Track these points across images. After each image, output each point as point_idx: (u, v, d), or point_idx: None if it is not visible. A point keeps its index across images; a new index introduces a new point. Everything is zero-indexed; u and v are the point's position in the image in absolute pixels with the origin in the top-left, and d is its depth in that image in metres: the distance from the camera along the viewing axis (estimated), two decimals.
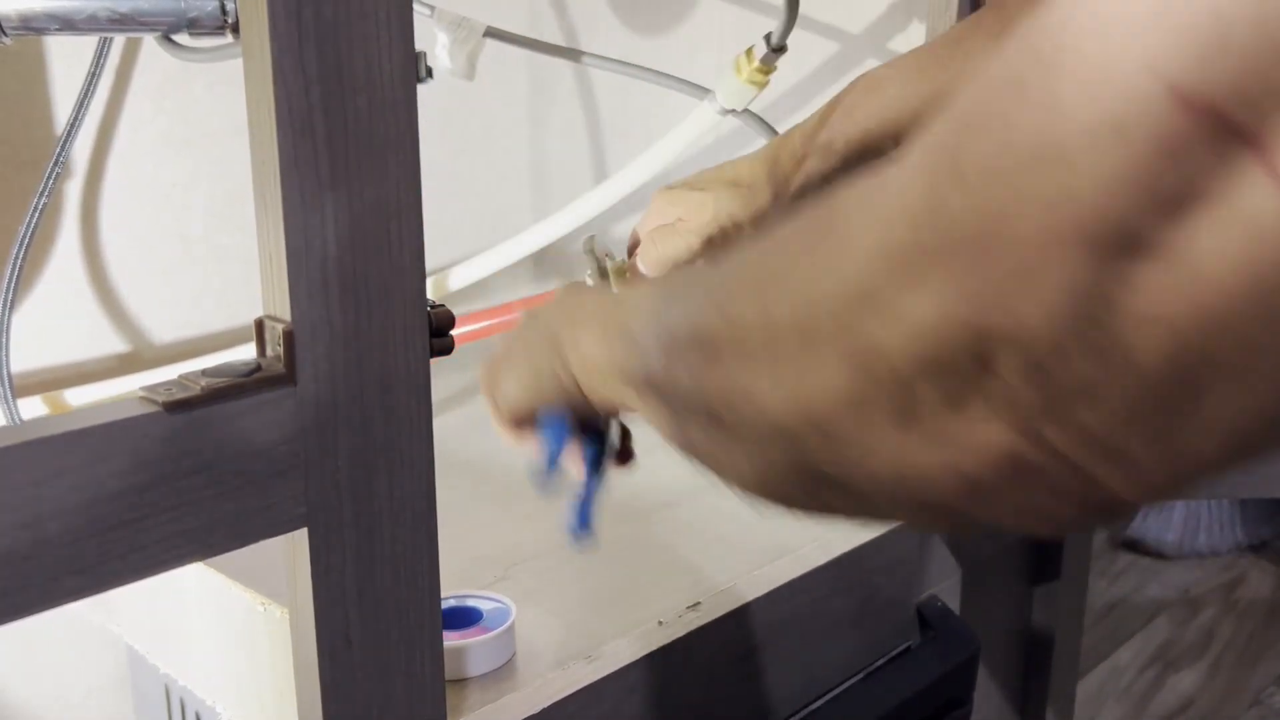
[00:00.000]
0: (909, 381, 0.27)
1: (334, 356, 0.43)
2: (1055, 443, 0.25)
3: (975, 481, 0.27)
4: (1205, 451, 0.25)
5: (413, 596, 0.48)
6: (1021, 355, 0.25)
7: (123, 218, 0.94)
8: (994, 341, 0.25)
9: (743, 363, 0.32)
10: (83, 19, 0.68)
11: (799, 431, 0.30)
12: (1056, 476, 0.26)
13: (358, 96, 0.42)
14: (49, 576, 0.38)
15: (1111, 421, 0.25)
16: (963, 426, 0.26)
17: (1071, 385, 0.24)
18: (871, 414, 0.28)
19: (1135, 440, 0.25)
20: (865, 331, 0.27)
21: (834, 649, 0.77)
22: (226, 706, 0.71)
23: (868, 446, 0.28)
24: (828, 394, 0.29)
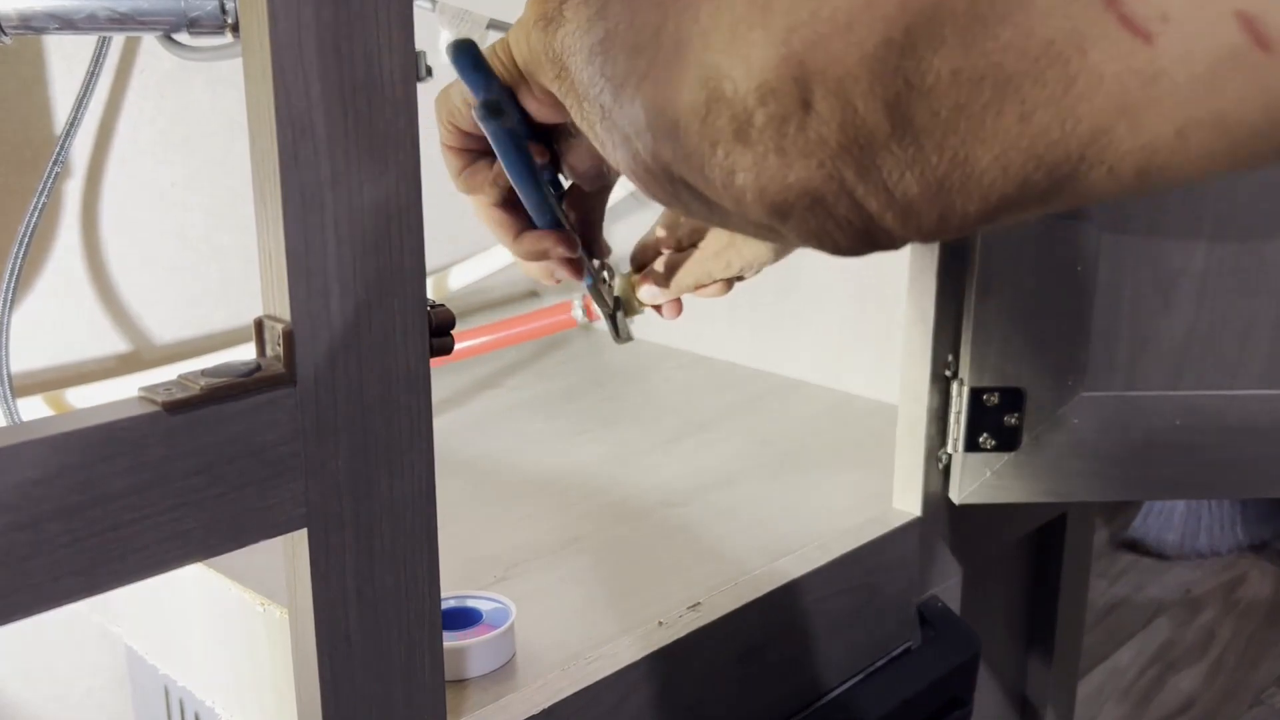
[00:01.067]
0: (747, 103, 0.31)
1: (334, 356, 0.43)
2: (849, 183, 0.31)
3: (779, 204, 0.33)
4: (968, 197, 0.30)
5: (413, 596, 0.48)
6: (835, 95, 0.29)
7: (122, 217, 0.94)
8: (815, 80, 0.30)
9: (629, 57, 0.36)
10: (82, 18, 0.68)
11: (658, 132, 0.35)
12: (844, 211, 0.32)
13: (358, 96, 0.42)
14: (49, 576, 0.38)
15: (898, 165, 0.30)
16: (779, 155, 0.32)
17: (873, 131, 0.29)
18: (713, 128, 0.33)
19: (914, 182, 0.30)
20: (718, 54, 0.32)
21: (835, 649, 0.76)
22: (226, 706, 0.71)
23: (706, 157, 0.33)
24: (683, 102, 0.33)
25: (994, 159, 0.29)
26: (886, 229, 0.32)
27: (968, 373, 0.75)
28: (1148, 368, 0.76)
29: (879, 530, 0.78)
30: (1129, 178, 0.28)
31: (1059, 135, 0.27)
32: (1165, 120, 0.26)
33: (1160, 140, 0.27)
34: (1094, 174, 0.28)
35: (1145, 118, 0.26)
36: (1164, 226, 0.74)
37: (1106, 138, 0.27)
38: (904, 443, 0.79)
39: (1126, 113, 0.26)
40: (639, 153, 0.37)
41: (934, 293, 0.74)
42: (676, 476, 0.88)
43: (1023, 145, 0.28)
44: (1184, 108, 0.26)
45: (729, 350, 1.15)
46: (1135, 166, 0.28)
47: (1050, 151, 0.28)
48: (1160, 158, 0.27)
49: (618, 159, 0.40)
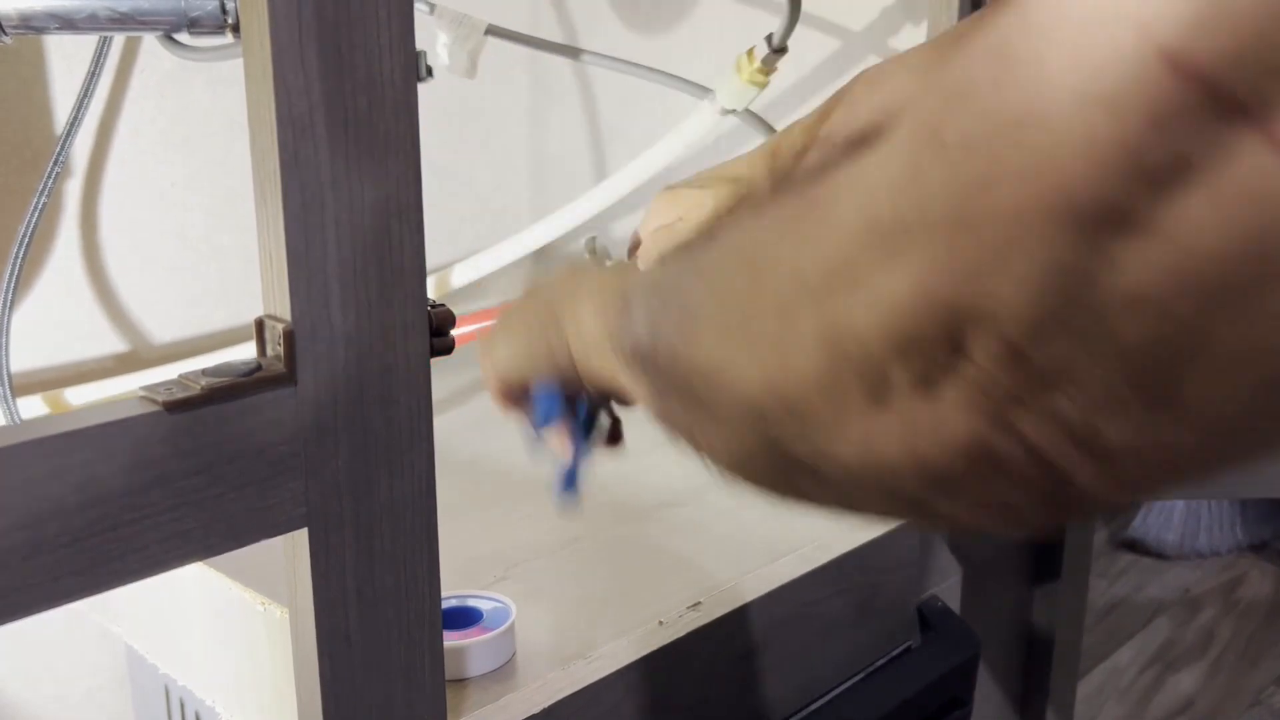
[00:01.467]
0: (880, 361, 0.26)
1: (334, 356, 0.43)
2: (1026, 433, 0.24)
3: (941, 472, 0.26)
4: (1184, 445, 0.24)
5: (413, 596, 0.48)
6: (997, 336, 0.23)
7: (122, 217, 0.94)
8: (968, 320, 0.24)
9: (722, 337, 0.31)
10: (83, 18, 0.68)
11: (771, 411, 0.29)
12: (1025, 470, 0.25)
13: (358, 96, 0.42)
14: (49, 576, 0.38)
15: (1088, 410, 0.23)
16: (932, 412, 0.25)
17: (1048, 370, 0.23)
18: (842, 395, 0.27)
19: (1112, 430, 0.23)
20: (840, 307, 0.26)
21: (834, 649, 0.76)
22: (226, 706, 0.71)
23: (837, 430, 0.28)
24: (800, 372, 0.28)
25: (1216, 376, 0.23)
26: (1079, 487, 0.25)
27: None
28: None
29: (879, 530, 0.78)
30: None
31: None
32: None
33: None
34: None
35: None
36: None
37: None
38: None
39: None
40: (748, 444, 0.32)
41: None
42: (676, 476, 0.88)
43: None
44: None
45: None
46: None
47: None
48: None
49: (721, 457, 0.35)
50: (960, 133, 0.23)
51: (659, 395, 0.38)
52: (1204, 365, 0.22)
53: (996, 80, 0.23)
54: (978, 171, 0.23)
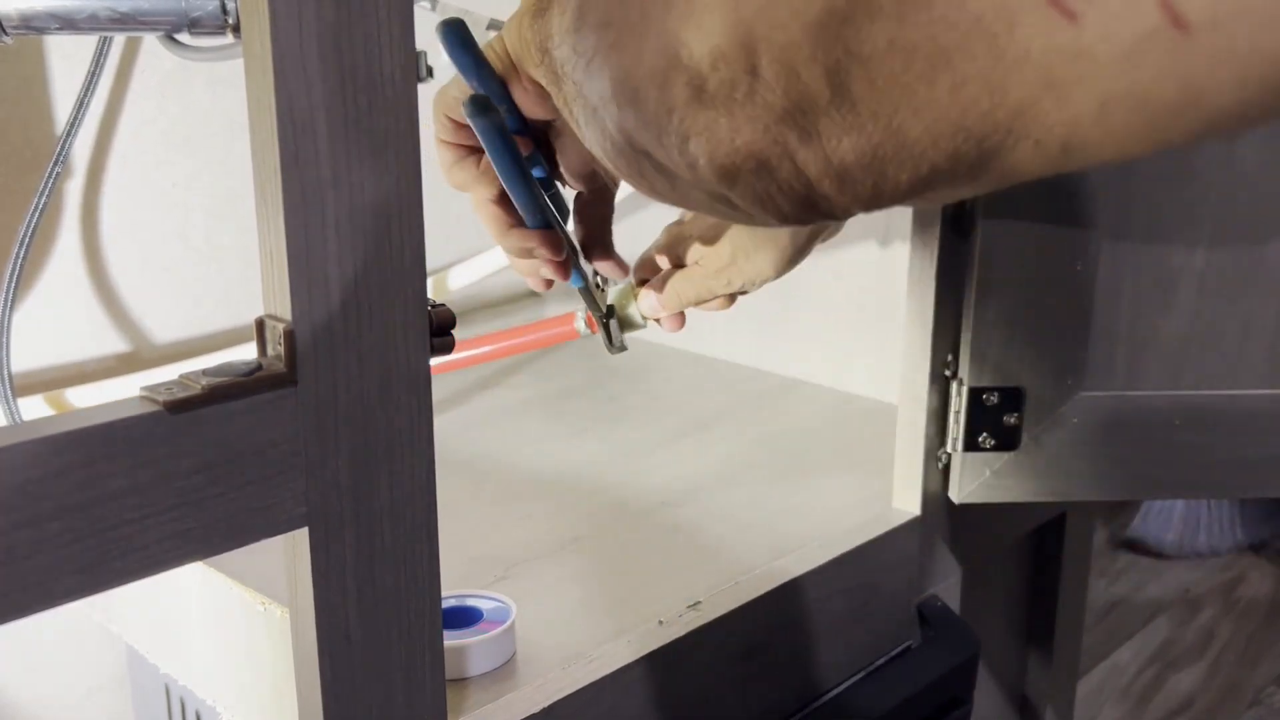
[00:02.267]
0: (699, 70, 0.33)
1: (335, 356, 0.43)
2: (792, 146, 0.32)
3: (727, 168, 0.34)
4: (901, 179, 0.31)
5: (413, 596, 0.48)
6: (780, 62, 0.31)
7: (123, 217, 0.94)
8: (760, 45, 0.31)
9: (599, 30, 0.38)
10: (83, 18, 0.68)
11: (620, 102, 0.36)
12: (786, 175, 0.33)
13: (359, 96, 0.42)
14: (49, 576, 0.38)
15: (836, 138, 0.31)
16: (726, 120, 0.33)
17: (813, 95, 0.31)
18: (670, 93, 0.34)
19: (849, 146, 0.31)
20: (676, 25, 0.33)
21: (834, 648, 0.77)
22: (226, 706, 0.71)
23: (664, 124, 0.35)
24: (644, 68, 0.35)
25: (925, 129, 0.30)
26: (825, 195, 0.33)
27: (967, 372, 0.75)
28: (1147, 367, 0.76)
29: (879, 529, 0.78)
30: (1055, 152, 0.29)
31: (987, 107, 0.28)
32: (1088, 96, 0.27)
33: (1084, 115, 0.28)
34: (1021, 147, 0.29)
35: (1070, 93, 0.27)
36: (1164, 226, 0.74)
37: (1033, 111, 0.28)
38: (903, 442, 0.79)
39: (1052, 87, 0.27)
40: (606, 126, 0.39)
41: (933, 292, 0.74)
42: (676, 477, 0.88)
43: (952, 116, 0.29)
44: (1106, 84, 0.27)
45: (729, 350, 1.15)
46: (1060, 141, 0.28)
47: (979, 123, 0.29)
48: (1083, 132, 0.28)
49: (589, 137, 0.41)
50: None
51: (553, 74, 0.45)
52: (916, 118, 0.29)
53: None
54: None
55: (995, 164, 0.30)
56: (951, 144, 0.30)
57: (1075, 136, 0.28)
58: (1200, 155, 0.72)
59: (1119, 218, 0.73)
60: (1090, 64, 0.26)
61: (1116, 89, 0.27)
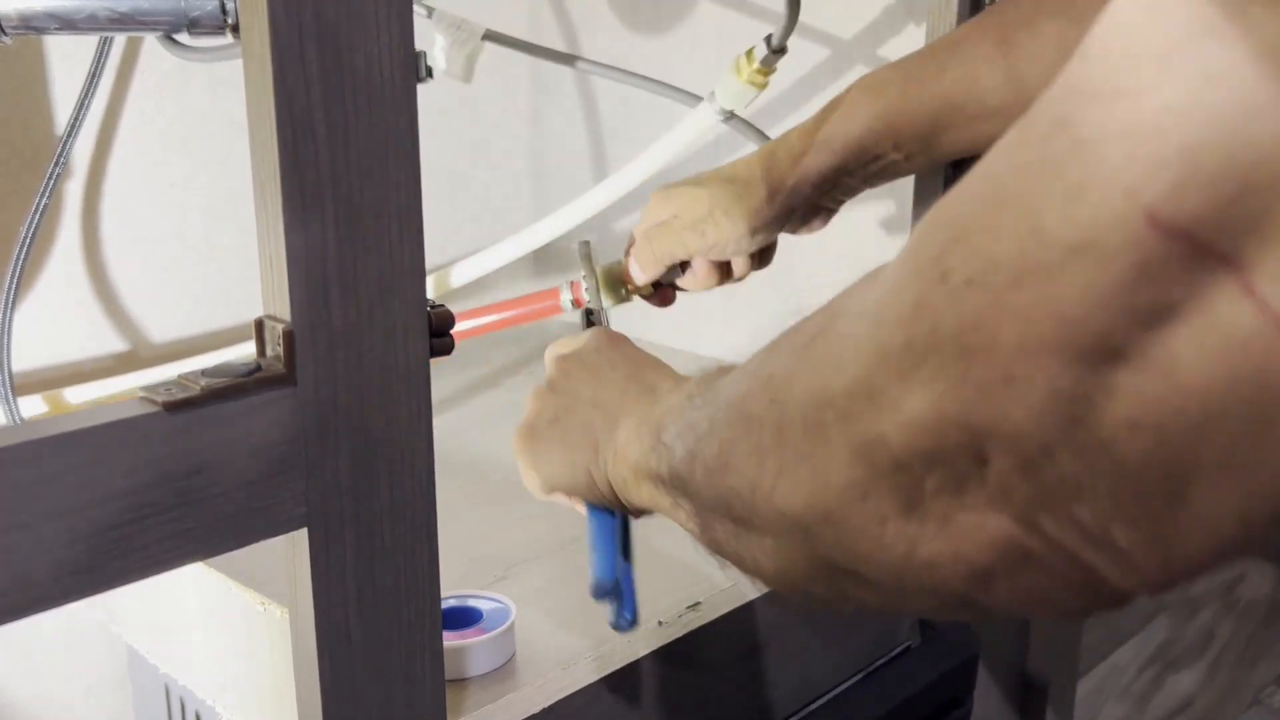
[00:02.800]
0: (910, 471, 0.28)
1: (334, 356, 0.43)
2: (1051, 532, 0.27)
3: (979, 568, 0.28)
4: (1194, 547, 0.26)
5: (413, 596, 0.48)
6: (1011, 452, 0.26)
7: (123, 217, 0.94)
8: (984, 436, 0.27)
9: (755, 456, 0.34)
10: (83, 19, 0.68)
11: (811, 525, 0.32)
12: (1056, 564, 0.27)
13: (358, 96, 0.42)
14: (49, 576, 0.38)
15: (1101, 514, 0.26)
16: (964, 515, 0.28)
17: (1061, 480, 0.26)
18: (877, 504, 0.29)
19: (1123, 533, 0.26)
20: (866, 424, 0.29)
21: (834, 649, 0.76)
22: (226, 706, 0.71)
23: (876, 537, 0.30)
24: (835, 485, 0.30)
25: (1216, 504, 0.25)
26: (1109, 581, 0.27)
27: None
28: None
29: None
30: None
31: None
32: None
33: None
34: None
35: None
36: None
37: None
38: None
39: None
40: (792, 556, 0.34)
41: None
42: None
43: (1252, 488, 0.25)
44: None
45: (729, 350, 1.15)
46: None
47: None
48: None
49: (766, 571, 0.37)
50: (964, 272, 0.27)
51: (699, 517, 0.40)
52: (1202, 484, 0.25)
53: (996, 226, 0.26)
54: (982, 309, 0.26)
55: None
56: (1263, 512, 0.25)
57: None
58: None
59: None
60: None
61: None
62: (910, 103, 0.68)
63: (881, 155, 0.69)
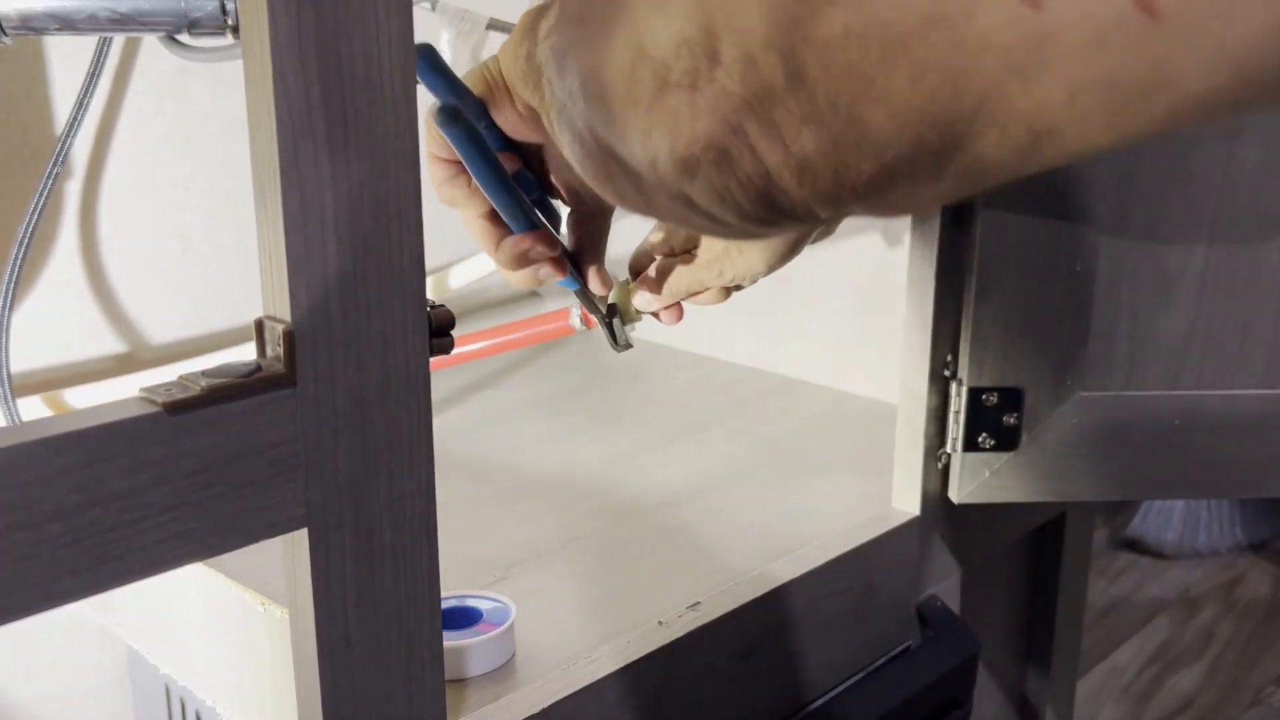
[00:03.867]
0: (665, 58, 0.33)
1: (334, 356, 0.43)
2: (751, 134, 0.32)
3: (687, 159, 0.33)
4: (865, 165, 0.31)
5: (413, 596, 0.48)
6: (737, 46, 0.30)
7: (122, 217, 0.94)
8: (720, 32, 0.31)
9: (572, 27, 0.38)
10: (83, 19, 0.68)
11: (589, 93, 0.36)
12: (746, 165, 0.32)
13: (358, 96, 0.42)
14: (49, 576, 0.38)
15: (794, 119, 0.31)
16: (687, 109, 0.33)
17: (770, 86, 0.30)
18: (637, 86, 0.34)
19: (810, 140, 0.31)
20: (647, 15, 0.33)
21: (834, 649, 0.77)
22: (226, 706, 0.71)
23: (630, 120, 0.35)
24: (610, 63, 0.35)
25: (887, 118, 0.29)
26: (785, 188, 0.33)
27: (967, 372, 0.75)
28: (1147, 367, 0.76)
29: (878, 530, 0.78)
30: (1022, 140, 0.28)
31: (950, 95, 0.28)
32: (1055, 82, 0.27)
33: (1050, 101, 0.27)
34: (987, 136, 0.29)
35: (1036, 79, 0.27)
36: (1164, 226, 0.74)
37: (997, 99, 0.28)
38: (903, 442, 0.79)
39: (1016, 74, 0.27)
40: (576, 125, 0.38)
41: (933, 292, 0.74)
42: (676, 476, 0.88)
43: (914, 104, 0.29)
44: (1073, 70, 0.26)
45: (729, 350, 1.15)
46: (1027, 128, 0.28)
47: (942, 112, 0.28)
48: (1050, 119, 0.28)
49: (564, 143, 0.41)
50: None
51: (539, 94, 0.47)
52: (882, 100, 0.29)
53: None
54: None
55: (961, 155, 0.30)
56: (914, 133, 0.29)
57: (1042, 124, 0.28)
58: (1200, 155, 0.72)
59: (1119, 218, 0.73)
60: (1056, 50, 0.26)
61: (1085, 75, 0.26)
62: None
63: None
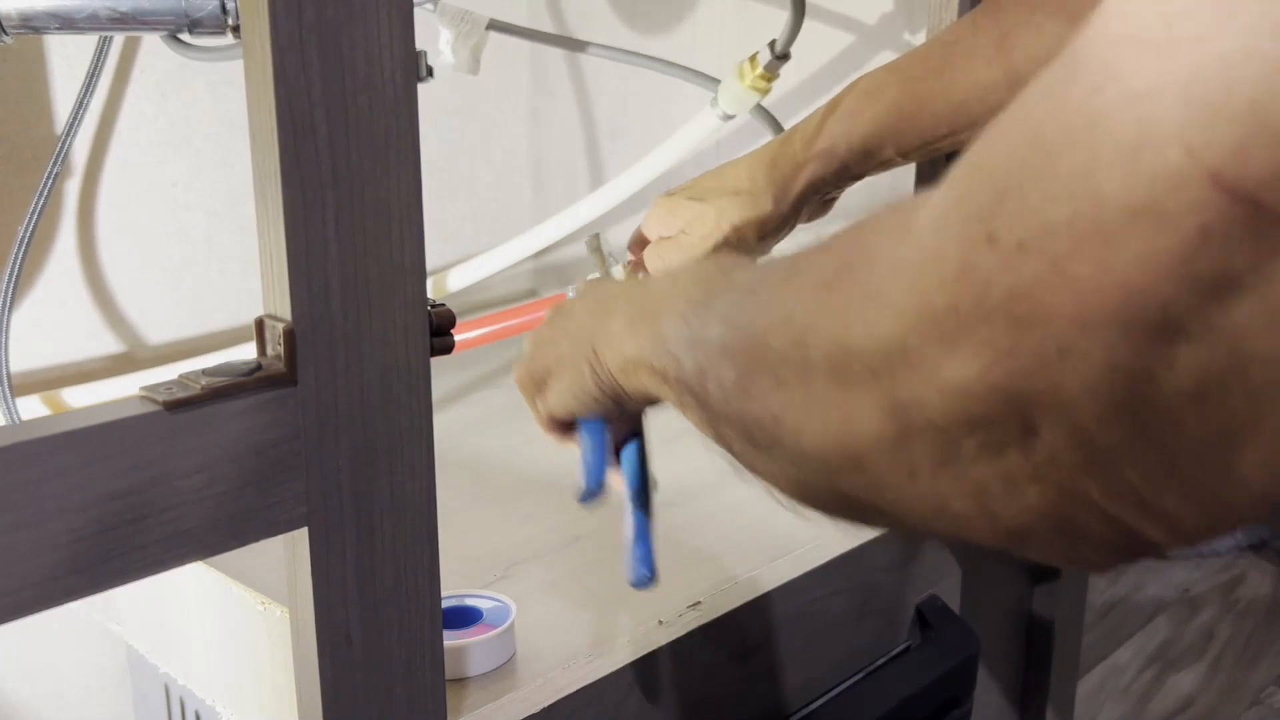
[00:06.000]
0: (948, 433, 0.27)
1: (335, 356, 0.43)
2: (1096, 499, 0.26)
3: (1015, 529, 0.28)
4: (1238, 505, 0.26)
5: (413, 596, 0.48)
6: (1062, 424, 0.25)
7: (123, 217, 0.94)
8: (1035, 407, 0.25)
9: (776, 390, 0.33)
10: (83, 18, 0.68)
11: (834, 464, 0.31)
12: (1096, 527, 0.27)
13: (358, 96, 0.42)
14: (49, 576, 0.38)
15: (1152, 480, 0.25)
16: (1003, 479, 0.27)
17: (1112, 449, 0.25)
18: (908, 459, 0.28)
19: (1173, 498, 0.25)
20: (902, 384, 0.28)
21: (834, 649, 0.76)
22: (226, 706, 0.71)
23: (905, 487, 0.29)
24: (865, 436, 0.29)
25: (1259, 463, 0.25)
26: (1149, 541, 0.27)
27: None
28: None
29: (878, 530, 0.78)
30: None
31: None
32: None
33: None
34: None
35: None
36: None
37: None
38: None
39: None
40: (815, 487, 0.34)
41: None
42: (676, 476, 0.87)
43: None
44: None
45: None
46: None
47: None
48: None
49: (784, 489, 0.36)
50: (1015, 234, 0.25)
51: (713, 426, 0.39)
52: (1254, 448, 0.24)
53: (1046, 186, 0.24)
54: (1036, 273, 0.24)
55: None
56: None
57: None
58: None
59: None
60: None
61: None
62: (910, 106, 0.68)
63: (885, 160, 0.70)
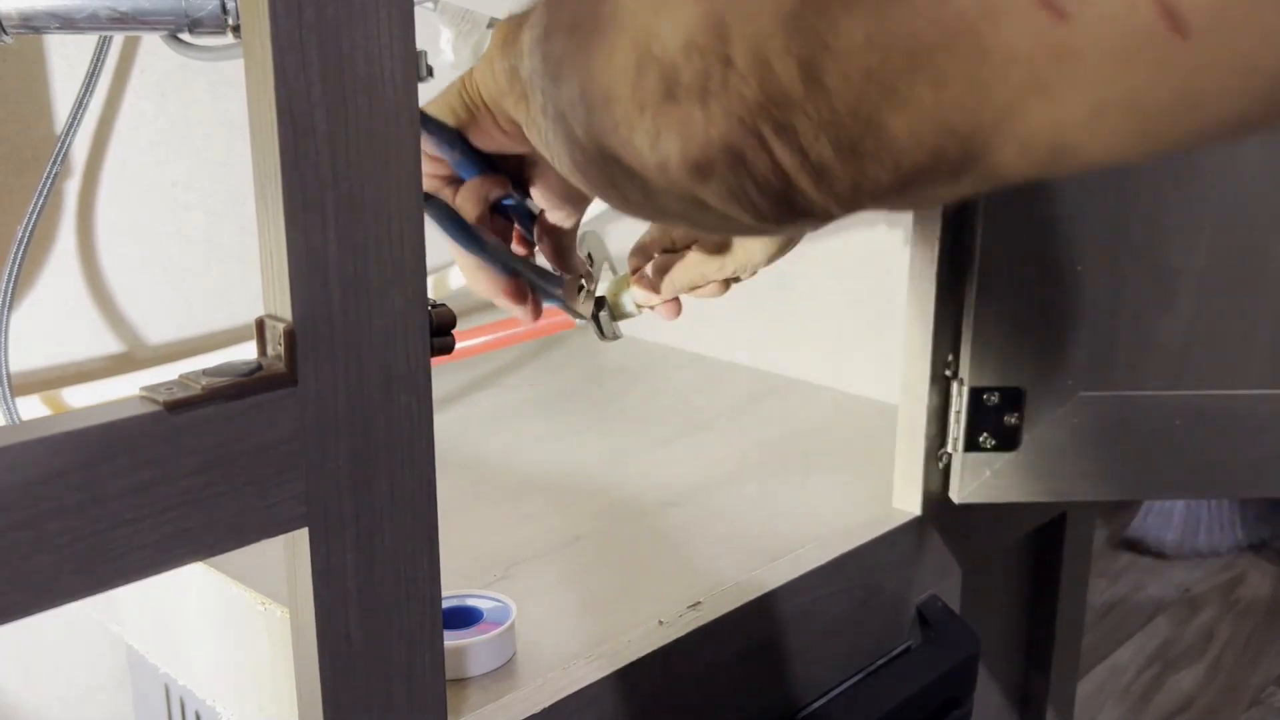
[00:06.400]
0: (673, 63, 0.32)
1: (335, 356, 0.43)
2: (766, 138, 0.31)
3: (701, 163, 0.33)
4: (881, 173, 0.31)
5: (413, 596, 0.48)
6: (751, 53, 0.30)
7: (123, 217, 0.94)
8: (733, 38, 0.31)
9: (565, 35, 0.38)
10: (83, 18, 0.68)
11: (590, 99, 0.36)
12: (762, 169, 0.32)
13: (359, 95, 0.42)
14: (49, 575, 0.38)
15: (812, 129, 0.30)
16: (699, 112, 0.32)
17: (786, 92, 0.30)
18: (642, 90, 0.34)
19: (827, 149, 0.31)
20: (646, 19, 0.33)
21: (834, 649, 0.77)
22: (226, 706, 0.71)
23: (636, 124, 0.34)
24: (617, 67, 0.35)
25: (906, 127, 0.29)
26: (803, 191, 0.32)
27: (968, 372, 0.75)
28: (1148, 368, 0.76)
29: (879, 529, 0.78)
30: (1041, 154, 0.28)
31: (971, 107, 0.28)
32: (1078, 99, 0.26)
33: (1073, 118, 0.27)
34: (1006, 149, 0.28)
35: (1059, 95, 0.26)
36: (1164, 226, 0.74)
37: (1019, 112, 0.27)
38: (904, 442, 0.79)
39: (1039, 89, 0.26)
40: (575, 133, 0.38)
41: (934, 292, 0.74)
42: (676, 476, 0.88)
43: (935, 115, 0.28)
44: (1097, 87, 0.26)
45: (729, 350, 1.15)
46: (1047, 144, 0.28)
47: (963, 123, 0.28)
48: (1072, 135, 0.27)
49: (557, 152, 0.41)
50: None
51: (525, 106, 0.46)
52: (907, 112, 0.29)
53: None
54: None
55: (979, 165, 0.29)
56: (934, 143, 0.29)
57: (1064, 140, 0.27)
58: (1201, 156, 0.72)
59: (1119, 218, 0.73)
60: (1081, 65, 0.26)
61: (1108, 93, 0.26)
62: None
63: None
